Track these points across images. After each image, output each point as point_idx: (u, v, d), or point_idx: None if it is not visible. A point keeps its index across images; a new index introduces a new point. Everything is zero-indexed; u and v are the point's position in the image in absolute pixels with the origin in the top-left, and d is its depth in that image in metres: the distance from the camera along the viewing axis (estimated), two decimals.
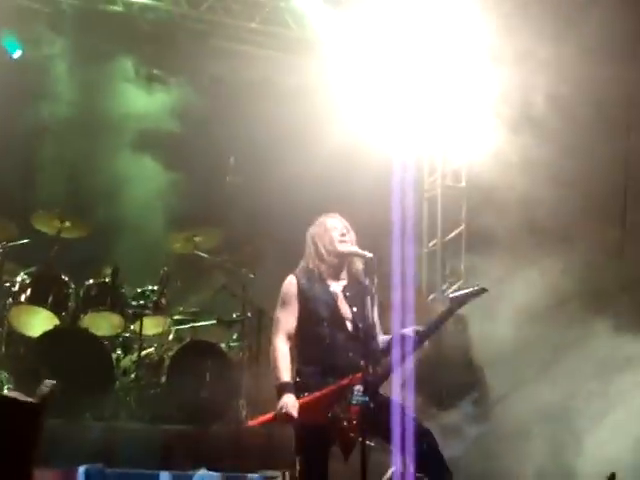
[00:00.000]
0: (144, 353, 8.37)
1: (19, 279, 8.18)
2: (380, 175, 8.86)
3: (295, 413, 5.03)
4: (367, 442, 4.90)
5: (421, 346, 5.36)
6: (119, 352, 8.36)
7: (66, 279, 8.25)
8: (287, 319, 5.26)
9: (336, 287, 5.36)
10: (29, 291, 8.09)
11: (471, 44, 9.49)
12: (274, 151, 10.15)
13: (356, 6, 9.98)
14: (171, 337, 8.73)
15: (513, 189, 8.93)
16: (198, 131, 10.19)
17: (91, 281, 8.37)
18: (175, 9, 10.05)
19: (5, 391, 7.77)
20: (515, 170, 8.91)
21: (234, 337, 8.86)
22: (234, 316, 8.87)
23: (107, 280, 8.37)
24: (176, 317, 8.80)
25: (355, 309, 5.28)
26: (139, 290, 8.57)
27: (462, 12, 9.44)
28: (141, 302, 8.47)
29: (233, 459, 7.41)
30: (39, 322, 8.00)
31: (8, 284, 8.20)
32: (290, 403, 5.04)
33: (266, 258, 8.81)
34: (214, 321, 8.82)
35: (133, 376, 8.14)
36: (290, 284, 5.34)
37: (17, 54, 9.53)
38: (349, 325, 5.27)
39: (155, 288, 8.56)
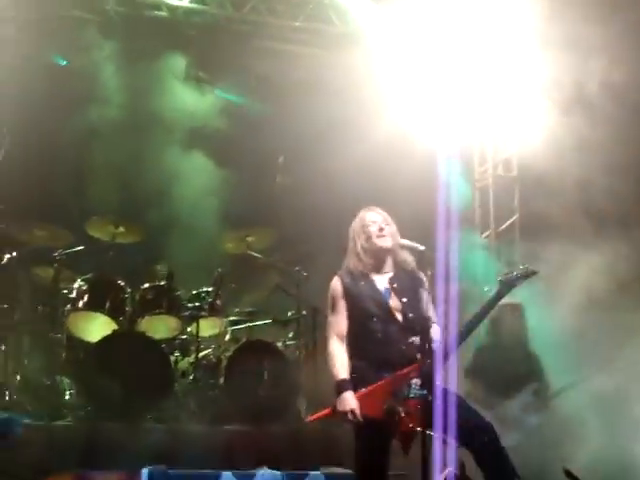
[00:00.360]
0: (201, 355, 8.43)
1: (76, 286, 8.27)
2: (428, 167, 8.79)
3: (357, 408, 5.01)
4: (428, 433, 4.88)
5: (470, 335, 5.30)
6: (177, 354, 8.40)
7: (122, 284, 8.31)
8: (337, 321, 5.27)
9: (381, 280, 5.33)
10: (86, 297, 8.16)
11: (518, 30, 9.35)
12: (322, 148, 10.12)
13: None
14: (228, 338, 8.76)
15: (567, 174, 8.80)
16: (247, 131, 10.22)
17: (147, 285, 8.42)
18: (219, 12, 10.07)
19: (67, 397, 7.91)
20: (568, 155, 8.78)
21: (290, 336, 8.87)
22: (289, 315, 8.89)
23: (162, 283, 8.42)
24: (232, 318, 8.84)
25: (405, 300, 5.25)
26: (194, 292, 8.61)
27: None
28: (197, 304, 8.50)
29: (294, 457, 7.43)
30: (97, 327, 8.08)
31: (65, 291, 8.31)
32: (349, 398, 5.03)
33: (318, 256, 8.79)
34: (269, 320, 8.85)
35: (192, 378, 8.19)
36: (335, 285, 5.35)
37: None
38: (400, 317, 5.24)
39: (210, 289, 8.60)
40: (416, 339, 5.09)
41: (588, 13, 8.73)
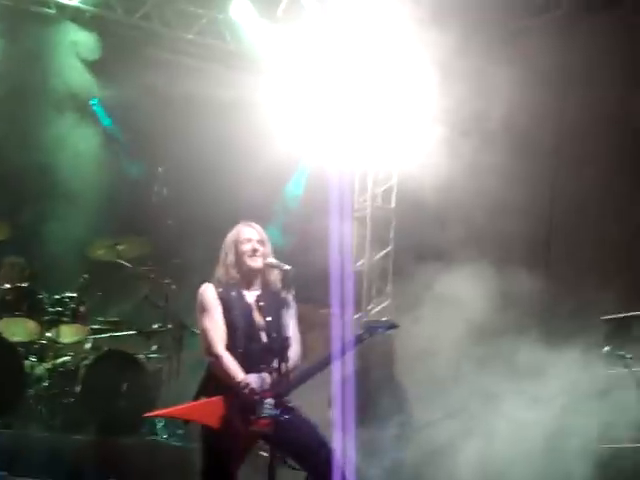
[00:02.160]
0: (59, 361, 8.19)
1: None
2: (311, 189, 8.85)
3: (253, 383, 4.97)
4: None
5: (325, 368, 5.32)
6: (33, 359, 8.13)
7: None
8: (216, 325, 5.14)
9: (250, 296, 5.29)
10: None
11: (418, 60, 9.49)
12: (207, 164, 10.09)
13: (293, 21, 10.00)
14: (89, 346, 8.53)
15: (448, 207, 9.00)
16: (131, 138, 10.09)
17: (7, 285, 8.16)
18: (108, 14, 9.87)
19: None
20: (451, 187, 8.96)
21: (153, 349, 8.71)
22: (154, 327, 8.74)
23: (24, 285, 8.19)
24: (95, 326, 8.64)
25: (269, 319, 5.22)
26: (57, 296, 8.37)
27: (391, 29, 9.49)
28: (59, 309, 8.28)
29: (145, 472, 7.29)
30: None
31: None
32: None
33: (189, 270, 8.70)
34: (134, 332, 8.68)
35: (46, 384, 7.95)
36: (209, 290, 5.24)
37: None
38: (263, 335, 5.20)
39: (74, 295, 8.39)
40: (275, 361, 5.05)
41: (493, 50, 9.01)
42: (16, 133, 9.35)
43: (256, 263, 5.28)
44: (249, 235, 5.34)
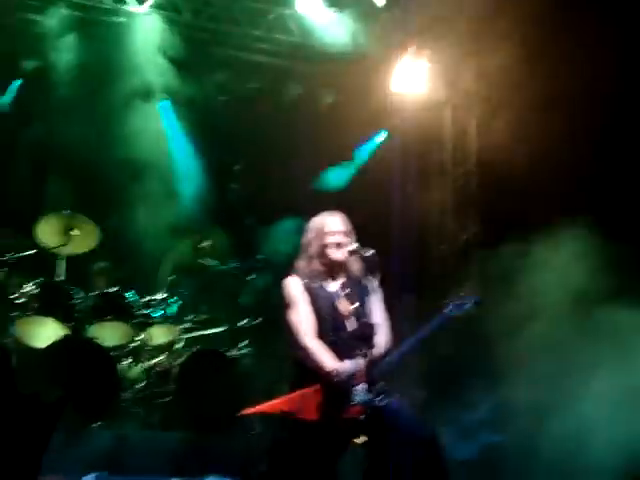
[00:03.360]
0: (153, 362, 8.33)
1: (26, 290, 8.14)
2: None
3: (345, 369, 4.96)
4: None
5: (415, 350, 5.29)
6: (128, 361, 8.30)
7: (71, 289, 8.23)
8: (303, 317, 5.17)
9: (334, 286, 5.30)
10: (36, 302, 8.04)
11: None
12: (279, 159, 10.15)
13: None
14: (181, 345, 8.66)
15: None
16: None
17: (97, 291, 8.35)
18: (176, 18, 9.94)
19: None
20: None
21: (244, 344, 8.79)
22: (244, 323, 8.83)
23: (114, 290, 8.36)
24: (185, 325, 8.76)
25: (355, 307, 5.22)
26: (147, 299, 8.54)
27: None
28: (149, 311, 8.45)
29: (242, 467, 7.35)
30: (47, 333, 7.95)
31: (15, 295, 8.16)
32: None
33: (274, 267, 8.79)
34: (224, 329, 8.77)
35: (142, 385, 8.11)
36: (294, 282, 5.27)
37: None
38: (350, 323, 5.21)
39: (163, 296, 8.55)
40: (364, 347, 5.05)
41: None
42: (96, 135, 9.52)
43: (339, 256, 5.27)
44: (334, 227, 5.31)
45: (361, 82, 10.11)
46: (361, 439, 4.98)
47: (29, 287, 8.14)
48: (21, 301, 8.08)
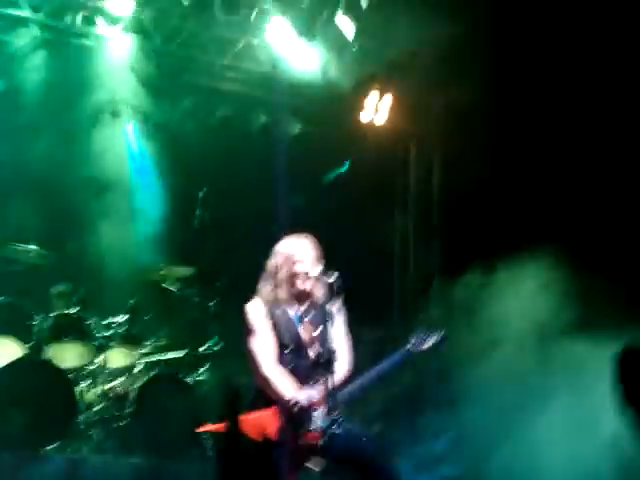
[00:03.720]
0: (110, 386, 8.24)
1: None
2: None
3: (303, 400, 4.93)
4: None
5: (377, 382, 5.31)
6: (84, 384, 8.19)
7: (31, 310, 8.15)
8: (264, 344, 5.10)
9: (297, 310, 5.26)
10: None
11: None
12: (246, 186, 10.15)
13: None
14: (139, 370, 8.59)
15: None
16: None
17: (57, 312, 8.25)
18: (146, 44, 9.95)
19: None
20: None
21: (202, 370, 8.73)
22: (203, 349, 8.77)
23: (74, 310, 8.28)
24: (144, 350, 8.69)
25: (315, 334, 5.19)
26: (106, 321, 8.47)
27: None
28: (108, 333, 8.38)
29: None
30: (6, 352, 7.83)
31: None
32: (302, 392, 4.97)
33: (237, 292, 8.73)
34: (183, 353, 8.70)
35: (98, 409, 8.01)
36: (256, 309, 5.18)
37: None
38: (312, 350, 5.18)
39: (123, 319, 8.48)
40: (325, 373, 5.02)
41: None
42: (62, 154, 9.48)
43: (307, 286, 5.20)
44: (304, 255, 5.20)
45: (329, 112, 10.19)
46: (318, 464, 4.95)
47: None
48: None
